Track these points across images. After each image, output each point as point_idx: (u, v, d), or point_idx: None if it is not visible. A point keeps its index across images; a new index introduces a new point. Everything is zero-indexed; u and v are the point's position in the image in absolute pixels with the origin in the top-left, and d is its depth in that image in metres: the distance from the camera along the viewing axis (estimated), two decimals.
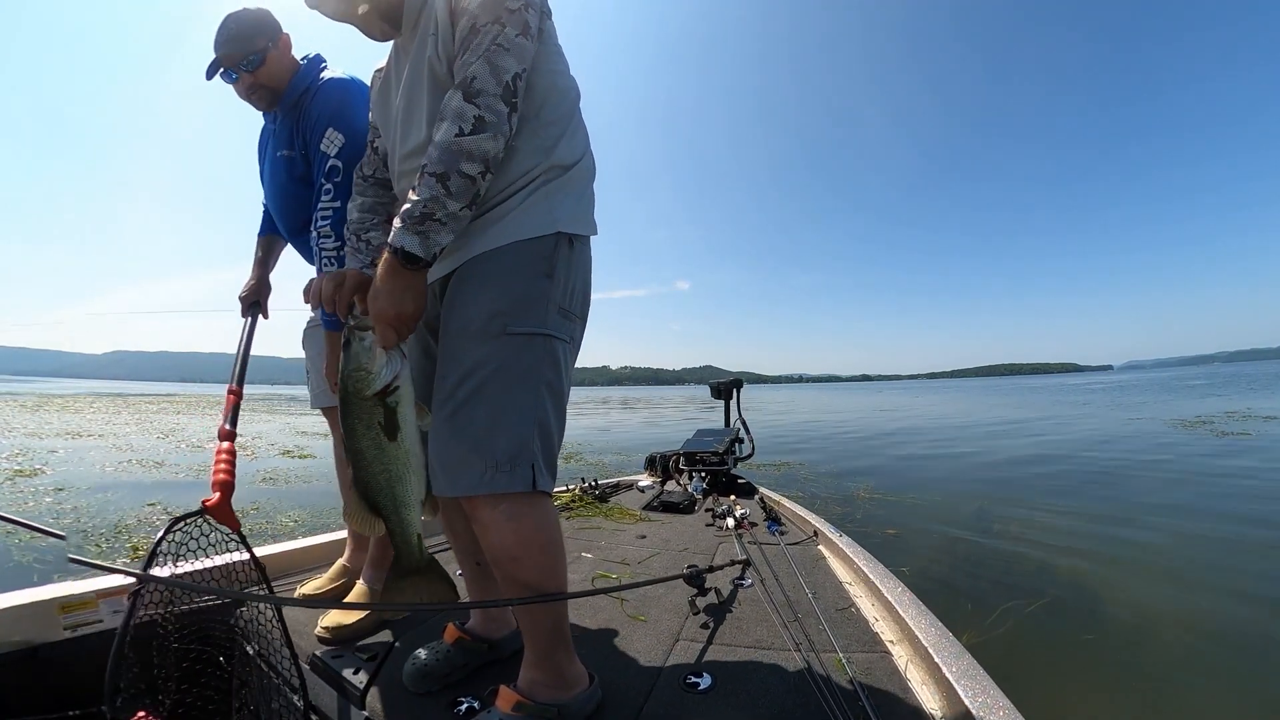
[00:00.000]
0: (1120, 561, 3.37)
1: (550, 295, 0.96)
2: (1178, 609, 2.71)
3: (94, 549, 3.63)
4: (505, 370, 0.92)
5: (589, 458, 8.53)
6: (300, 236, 1.56)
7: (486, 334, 0.92)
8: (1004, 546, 3.69)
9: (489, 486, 0.89)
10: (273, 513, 4.64)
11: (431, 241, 0.86)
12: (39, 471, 6.54)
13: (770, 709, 1.02)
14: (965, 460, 7.57)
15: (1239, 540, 3.67)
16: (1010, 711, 0.90)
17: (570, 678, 0.99)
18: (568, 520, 2.44)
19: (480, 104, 0.84)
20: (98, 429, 12.06)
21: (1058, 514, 4.47)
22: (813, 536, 2.06)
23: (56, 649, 1.24)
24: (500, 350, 0.92)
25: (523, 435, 0.91)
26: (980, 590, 2.94)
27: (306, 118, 1.42)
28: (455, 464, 0.91)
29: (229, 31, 1.41)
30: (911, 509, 4.76)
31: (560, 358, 0.97)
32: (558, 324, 0.97)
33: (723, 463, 3.12)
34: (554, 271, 0.96)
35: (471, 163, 0.84)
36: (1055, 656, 2.29)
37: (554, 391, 0.96)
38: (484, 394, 0.91)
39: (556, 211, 0.97)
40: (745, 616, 1.41)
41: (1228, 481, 5.49)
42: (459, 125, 0.83)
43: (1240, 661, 2.23)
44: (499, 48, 0.86)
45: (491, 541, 0.94)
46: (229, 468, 1.24)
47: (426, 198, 0.84)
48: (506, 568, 0.95)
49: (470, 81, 0.84)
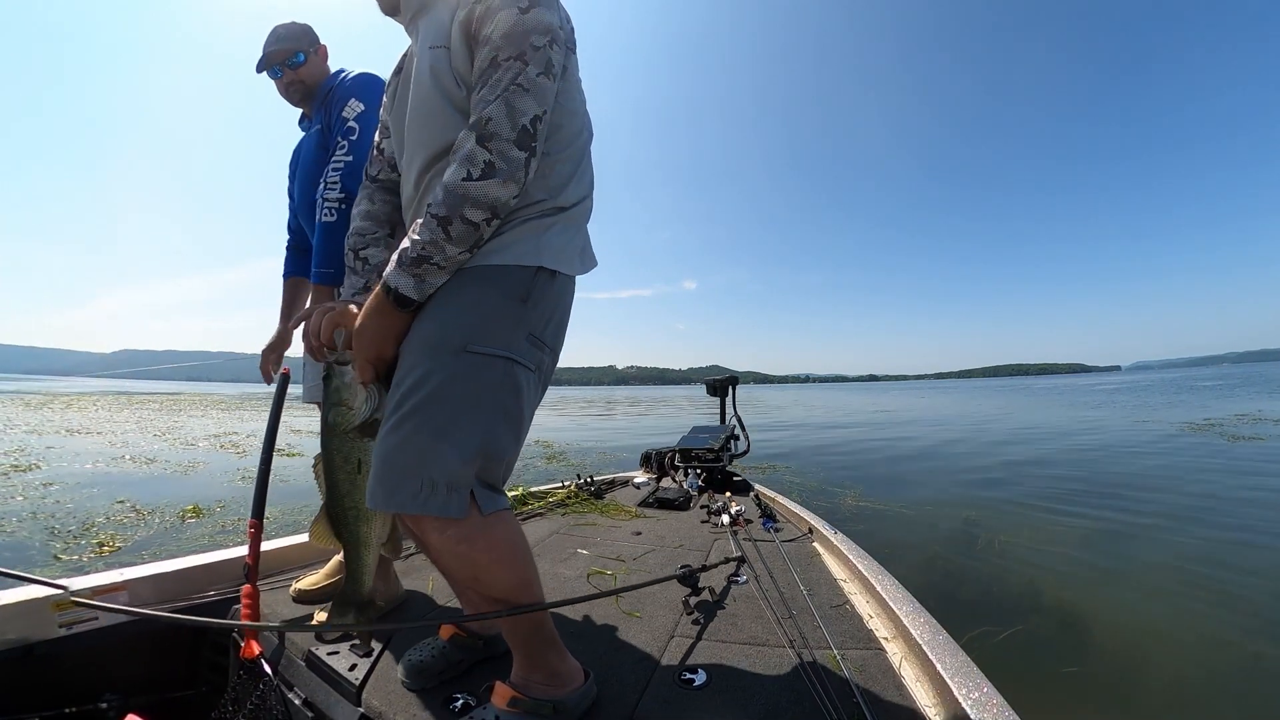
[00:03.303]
0: (1112, 584, 3.12)
1: (522, 320, 0.92)
2: (1173, 642, 2.45)
3: (59, 545, 3.63)
4: (457, 387, 0.86)
5: (586, 455, 8.53)
6: None
7: (445, 348, 0.87)
8: (985, 565, 3.45)
9: (421, 507, 0.83)
10: (244, 509, 4.61)
11: (426, 285, 0.85)
12: (34, 466, 6.58)
13: (765, 705, 1.02)
14: (961, 465, 7.36)
15: (1247, 559, 3.36)
16: (1004, 707, 0.91)
17: (564, 675, 0.99)
18: (563, 516, 2.45)
19: (493, 148, 0.81)
20: (97, 426, 12.08)
21: (1049, 528, 4.21)
22: (808, 533, 2.06)
23: (52, 647, 1.24)
24: (456, 366, 0.86)
25: (465, 458, 0.85)
26: (949, 614, 2.65)
27: (333, 99, 1.55)
28: (393, 477, 0.84)
29: (278, 35, 1.63)
30: (896, 519, 4.54)
31: (521, 384, 0.92)
32: (524, 350, 0.92)
33: (718, 459, 3.13)
34: (530, 297, 0.92)
35: (477, 209, 0.82)
36: (1019, 690, 2.13)
37: (509, 417, 0.91)
38: (431, 408, 0.84)
39: (543, 246, 0.93)
40: (740, 613, 1.41)
41: (1239, 491, 5.13)
42: (468, 169, 0.81)
43: (1243, 698, 2.02)
44: (518, 88, 0.82)
45: (447, 566, 0.92)
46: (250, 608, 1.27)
47: (426, 240, 0.82)
48: (472, 586, 0.93)
49: (485, 123, 0.81)
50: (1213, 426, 10.63)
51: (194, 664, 1.40)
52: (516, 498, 2.62)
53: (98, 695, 1.21)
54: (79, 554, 3.47)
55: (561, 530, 2.22)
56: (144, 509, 4.65)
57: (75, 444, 8.91)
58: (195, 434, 11.08)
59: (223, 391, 64.16)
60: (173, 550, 3.58)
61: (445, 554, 0.90)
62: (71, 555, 3.43)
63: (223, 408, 21.92)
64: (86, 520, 4.26)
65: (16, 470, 6.31)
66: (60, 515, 4.40)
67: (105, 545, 3.64)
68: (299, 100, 1.68)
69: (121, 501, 4.89)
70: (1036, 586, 3.07)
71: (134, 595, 1.37)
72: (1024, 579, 3.18)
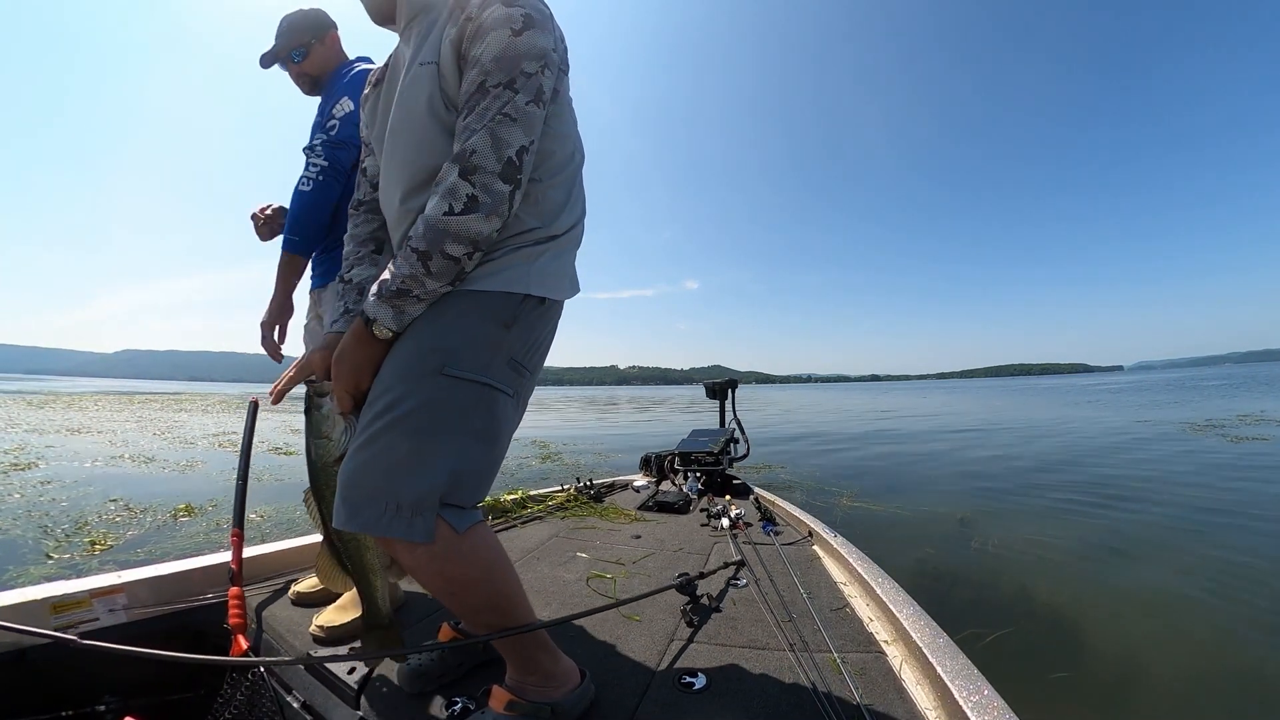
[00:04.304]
0: (1105, 589, 3.01)
1: (503, 345, 0.90)
2: (1167, 652, 2.35)
3: (51, 543, 3.62)
4: (429, 409, 0.84)
5: (585, 457, 8.52)
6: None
7: (421, 369, 0.85)
8: (977, 567, 3.37)
9: (385, 530, 0.81)
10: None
11: (405, 316, 0.85)
12: (34, 465, 6.60)
13: (765, 709, 1.02)
14: (958, 467, 7.26)
15: (1250, 571, 3.18)
16: (1004, 710, 0.91)
17: (558, 676, 0.98)
18: (562, 520, 2.44)
19: (475, 182, 0.79)
20: (98, 426, 12.09)
21: (1044, 532, 4.09)
22: (807, 537, 2.06)
23: (49, 649, 1.23)
24: (429, 387, 0.84)
25: (433, 482, 0.83)
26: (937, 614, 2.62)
27: (328, 94, 1.56)
28: (357, 497, 0.82)
29: (281, 28, 1.62)
30: (892, 520, 4.49)
31: (498, 409, 0.90)
32: (503, 374, 0.90)
33: (718, 463, 3.12)
34: (515, 323, 0.91)
35: (457, 244, 0.80)
36: (1004, 691, 2.06)
37: (482, 440, 0.89)
38: (401, 429, 0.83)
39: (533, 274, 0.92)
40: (740, 616, 1.41)
41: (1242, 496, 4.95)
42: (449, 203, 0.79)
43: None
44: (505, 117, 0.80)
45: (424, 583, 0.91)
46: (239, 611, 1.32)
47: (405, 274, 0.82)
48: (450, 600, 0.91)
49: (469, 155, 0.79)
50: (1214, 427, 10.58)
51: (193, 666, 1.39)
52: (515, 501, 2.62)
53: (96, 698, 1.20)
54: (71, 552, 3.46)
55: (561, 534, 2.22)
56: (136, 507, 4.65)
57: (75, 443, 8.91)
58: (195, 433, 11.09)
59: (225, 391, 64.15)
60: (168, 548, 3.61)
61: (418, 572, 0.88)
62: (64, 554, 3.42)
63: (224, 407, 21.92)
64: (79, 519, 4.26)
65: (16, 468, 6.32)
66: (55, 514, 4.40)
67: (97, 544, 3.64)
68: (309, 91, 1.68)
69: (115, 500, 4.89)
70: (1028, 588, 3.04)
71: (132, 597, 1.37)
72: (1016, 581, 3.14)
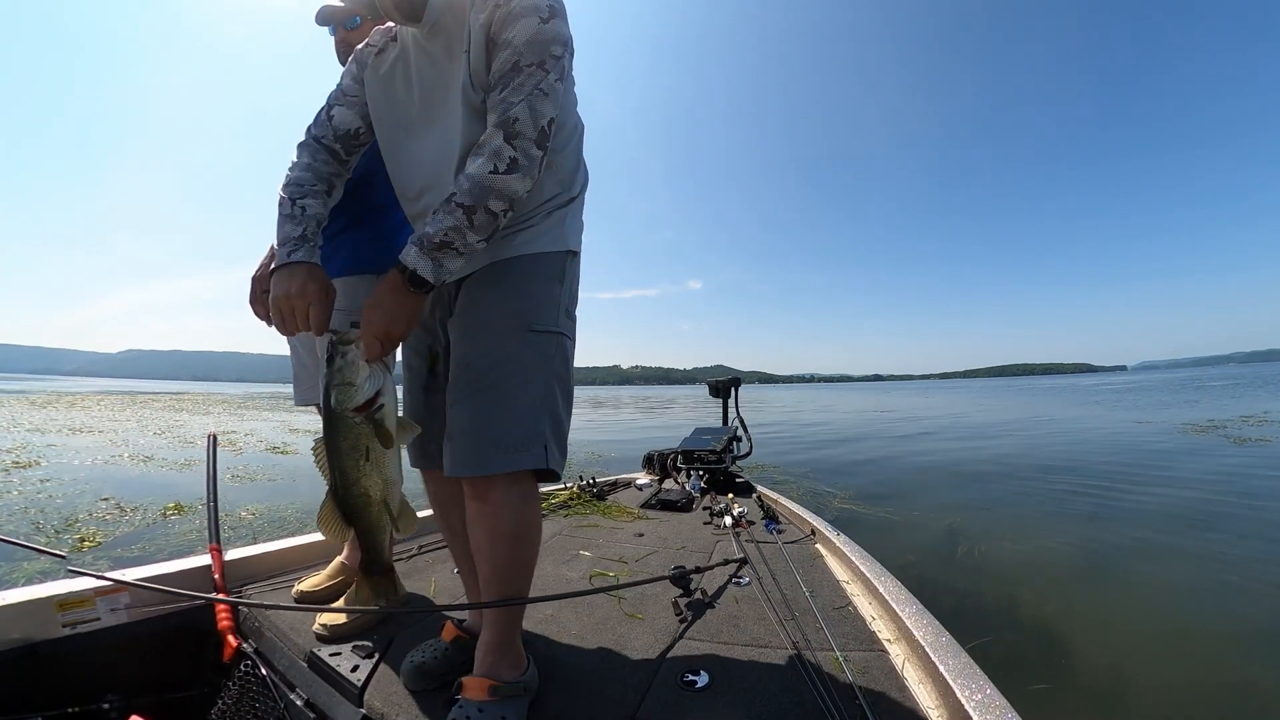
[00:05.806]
0: (1097, 598, 2.91)
1: (560, 299, 1.07)
2: (1168, 650, 2.31)
3: (42, 539, 3.62)
4: (526, 363, 1.01)
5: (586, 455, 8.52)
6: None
7: (512, 330, 1.01)
8: (962, 574, 3.26)
9: (512, 464, 0.97)
10: (232, 506, 4.65)
11: (444, 269, 0.92)
12: (35, 464, 6.62)
13: (767, 707, 1.02)
14: (955, 468, 7.13)
15: (1250, 582, 3.00)
16: (1007, 710, 0.91)
17: (522, 654, 1.07)
18: (565, 518, 2.45)
19: (517, 146, 0.89)
20: (99, 425, 12.10)
21: (1036, 538, 3.94)
22: (810, 535, 2.06)
23: (55, 647, 1.24)
24: (523, 345, 1.01)
25: (540, 421, 1.01)
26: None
27: None
28: (479, 447, 0.97)
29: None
30: (882, 524, 4.40)
31: (569, 354, 1.09)
32: (566, 324, 1.08)
33: (720, 461, 3.12)
34: (564, 278, 1.08)
35: (499, 200, 0.90)
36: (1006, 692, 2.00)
37: (563, 383, 1.07)
38: (507, 384, 0.99)
39: (568, 232, 1.09)
40: (742, 615, 1.41)
41: (1242, 497, 4.84)
42: (494, 164, 0.89)
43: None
44: (540, 92, 0.90)
45: (500, 520, 1.00)
46: (227, 614, 1.37)
47: (449, 226, 0.89)
48: (503, 549, 1.01)
49: (512, 123, 0.89)
50: (1215, 428, 10.50)
51: (197, 664, 1.40)
52: None
53: (100, 695, 1.21)
54: (59, 548, 3.48)
55: (564, 532, 2.22)
56: (127, 505, 4.69)
57: (76, 442, 8.92)
58: (195, 433, 11.09)
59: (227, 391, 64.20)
60: (159, 545, 3.66)
61: (506, 508, 1.00)
62: (53, 549, 3.46)
63: (226, 407, 21.94)
64: (70, 516, 4.29)
65: (17, 466, 6.35)
66: (49, 511, 4.44)
67: (86, 541, 3.68)
68: (344, 61, 1.67)
69: (106, 499, 4.92)
70: (1018, 593, 2.96)
71: (135, 595, 1.37)
72: (999, 593, 3.01)
